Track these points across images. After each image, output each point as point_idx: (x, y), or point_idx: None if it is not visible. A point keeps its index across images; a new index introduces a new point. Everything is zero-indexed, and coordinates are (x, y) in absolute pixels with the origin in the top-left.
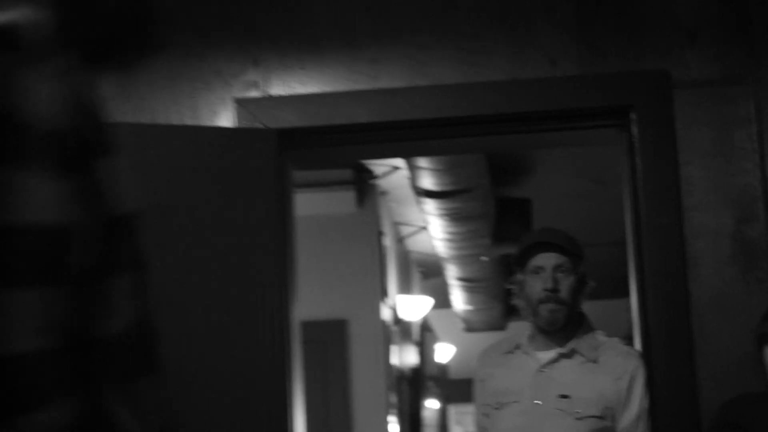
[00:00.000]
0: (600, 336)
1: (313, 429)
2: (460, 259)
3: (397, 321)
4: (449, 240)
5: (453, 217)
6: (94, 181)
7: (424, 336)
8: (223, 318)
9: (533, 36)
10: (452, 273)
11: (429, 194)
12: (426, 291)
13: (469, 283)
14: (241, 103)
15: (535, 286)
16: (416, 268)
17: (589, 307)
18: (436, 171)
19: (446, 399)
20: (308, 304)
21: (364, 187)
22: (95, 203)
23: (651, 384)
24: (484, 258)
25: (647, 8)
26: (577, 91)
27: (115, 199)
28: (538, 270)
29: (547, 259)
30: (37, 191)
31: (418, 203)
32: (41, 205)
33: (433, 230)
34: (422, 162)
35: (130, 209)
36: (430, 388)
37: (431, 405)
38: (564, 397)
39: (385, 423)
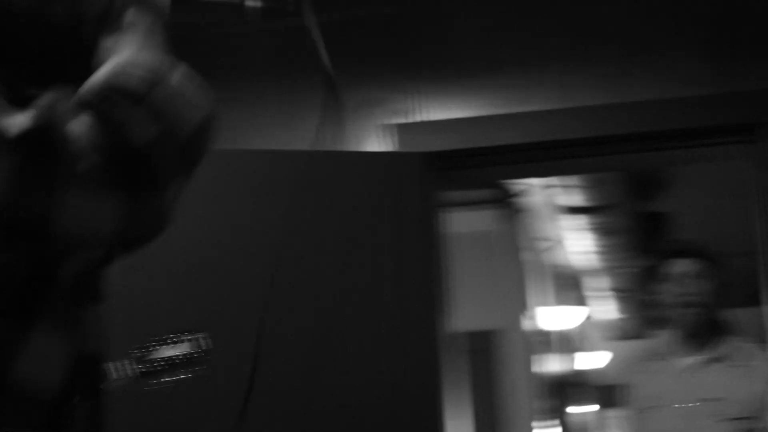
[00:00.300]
0: (741, 342)
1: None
2: (604, 271)
3: (541, 331)
4: (593, 253)
5: (596, 231)
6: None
7: (567, 345)
8: (378, 332)
9: (667, 59)
10: (596, 284)
11: (571, 210)
12: (568, 302)
13: (613, 293)
14: (393, 129)
15: (673, 292)
16: (559, 281)
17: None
18: (580, 188)
19: (594, 403)
20: (462, 316)
21: (508, 205)
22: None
23: None
24: (626, 269)
25: None
26: (708, 110)
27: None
28: (680, 277)
29: (687, 266)
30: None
31: (560, 219)
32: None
33: (573, 244)
34: (566, 180)
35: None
36: (579, 394)
37: (578, 411)
38: (710, 400)
39: (530, 430)
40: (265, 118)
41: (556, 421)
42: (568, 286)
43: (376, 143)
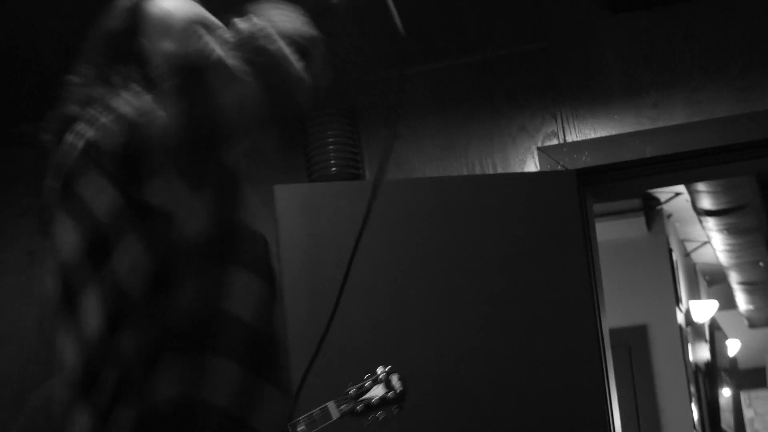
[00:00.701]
0: None
1: (624, 420)
2: (740, 266)
3: (690, 323)
4: (729, 251)
5: (731, 231)
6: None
7: (713, 334)
8: (541, 334)
9: None
10: (734, 278)
11: (709, 213)
12: (712, 296)
13: (750, 286)
14: (544, 151)
15: None
16: (702, 277)
17: None
18: (714, 193)
19: (737, 386)
20: (615, 313)
21: (652, 212)
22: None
23: None
24: (761, 263)
25: None
26: None
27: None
28: None
29: None
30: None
31: (700, 222)
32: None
33: (714, 243)
34: (701, 186)
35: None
36: (723, 378)
37: (725, 393)
38: None
39: (689, 411)
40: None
41: (708, 403)
42: (714, 281)
43: (534, 164)
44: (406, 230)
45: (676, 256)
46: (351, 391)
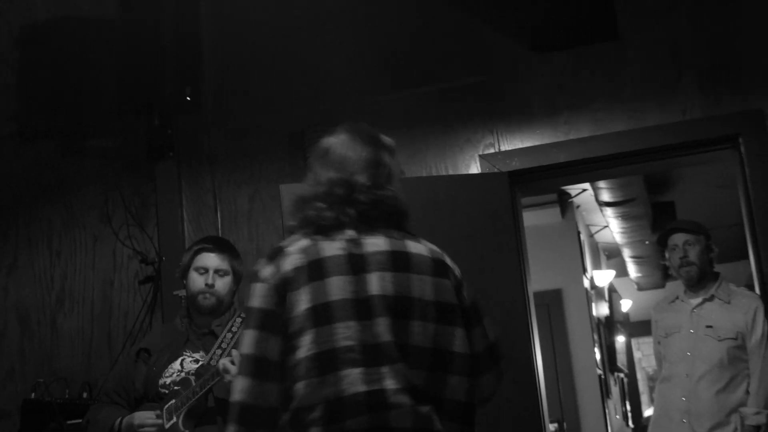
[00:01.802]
0: (732, 286)
1: (545, 360)
2: (631, 244)
3: (593, 287)
4: (623, 232)
5: (624, 217)
6: None
7: (611, 295)
8: (484, 297)
9: (673, 95)
10: (627, 253)
11: (607, 204)
12: (610, 266)
13: (638, 259)
14: (484, 158)
15: (674, 257)
16: (603, 252)
17: (723, 268)
18: (611, 189)
19: (629, 335)
20: (537, 281)
21: (565, 204)
22: None
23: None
24: (647, 242)
25: (747, 70)
26: (703, 127)
27: None
28: (675, 246)
29: (678, 238)
30: None
31: (601, 211)
32: None
33: (612, 227)
34: (602, 183)
35: None
36: (618, 329)
37: (620, 339)
38: (709, 327)
39: (593, 353)
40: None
41: (607, 347)
42: (611, 255)
43: (476, 168)
44: None
45: (583, 237)
46: None
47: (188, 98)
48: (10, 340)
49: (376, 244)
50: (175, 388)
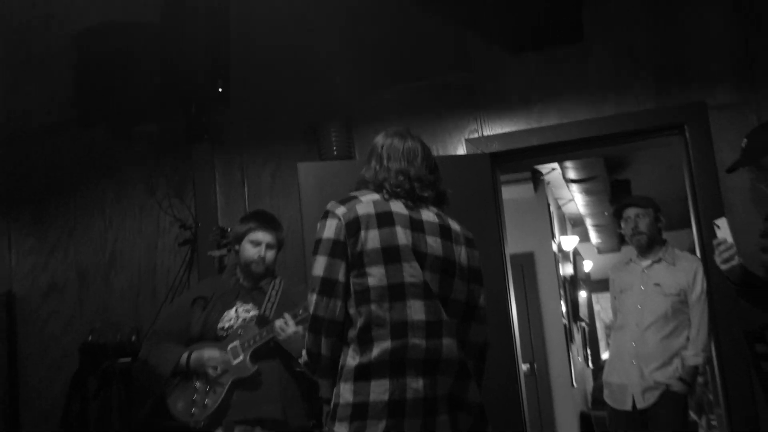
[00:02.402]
0: (676, 250)
1: (519, 312)
2: (592, 215)
3: (561, 250)
4: (586, 205)
5: (586, 192)
6: None
7: (576, 258)
8: None
9: (629, 88)
10: (589, 222)
11: (573, 181)
12: (575, 233)
13: (599, 227)
14: (469, 141)
15: (627, 228)
16: (569, 222)
17: (671, 235)
18: (576, 168)
19: (590, 290)
20: (513, 245)
21: (537, 180)
22: None
23: (708, 276)
24: (606, 213)
25: (693, 69)
26: (655, 117)
27: None
28: (628, 218)
29: (630, 211)
30: None
31: (567, 186)
32: None
33: (576, 200)
34: (568, 163)
35: None
36: (581, 285)
37: (582, 294)
38: (657, 285)
39: (559, 306)
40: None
41: (571, 300)
42: (576, 224)
43: (462, 150)
44: None
45: (552, 208)
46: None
47: (220, 90)
48: (70, 293)
49: (427, 215)
50: (239, 332)
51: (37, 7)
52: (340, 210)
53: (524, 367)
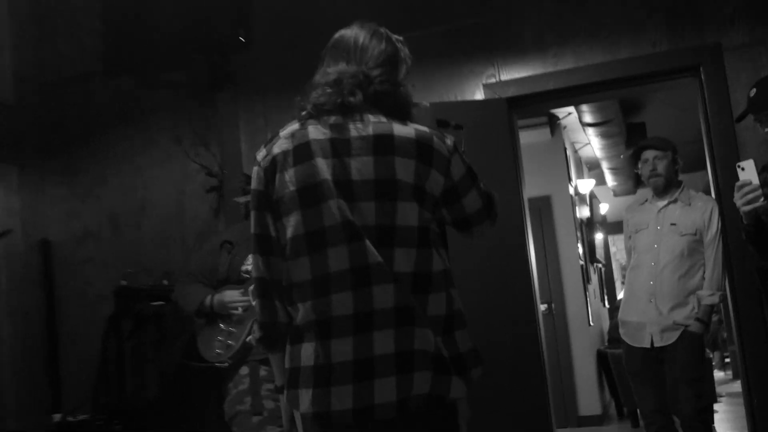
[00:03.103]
0: (692, 191)
1: (537, 252)
2: (608, 158)
3: (577, 194)
4: (601, 148)
5: (602, 135)
6: None
7: (592, 200)
8: None
9: (643, 31)
10: (605, 165)
11: (589, 125)
12: (591, 176)
13: (614, 170)
14: (487, 86)
15: (645, 169)
16: (585, 165)
17: (686, 177)
18: (592, 112)
19: (606, 233)
20: (530, 188)
21: (553, 125)
22: None
23: (722, 216)
24: (621, 156)
25: (708, 10)
26: (669, 59)
27: None
28: (646, 160)
29: (648, 153)
30: None
31: (584, 130)
32: None
33: (593, 144)
34: (584, 107)
35: None
36: (597, 228)
37: (598, 237)
38: (673, 224)
39: (576, 248)
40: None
41: (588, 242)
42: (593, 167)
43: (480, 95)
44: None
45: (568, 152)
46: None
47: (241, 39)
48: (104, 238)
49: (358, 129)
50: None
51: None
52: (260, 154)
53: (542, 307)
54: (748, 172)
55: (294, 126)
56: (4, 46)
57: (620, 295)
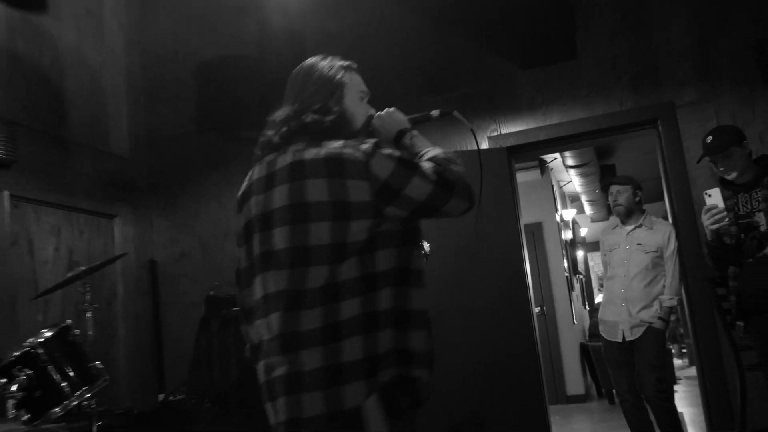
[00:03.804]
0: (653, 217)
1: (532, 267)
2: (586, 192)
3: (562, 220)
4: (581, 185)
5: (581, 175)
6: None
7: (574, 225)
8: (491, 229)
9: (613, 93)
10: (584, 198)
11: (571, 167)
12: (573, 207)
13: (591, 202)
14: (491, 138)
15: (611, 200)
16: (568, 198)
17: (648, 206)
18: (573, 156)
19: (586, 251)
20: (526, 217)
21: (543, 167)
22: None
23: (678, 237)
24: (596, 191)
25: (663, 75)
26: (634, 114)
27: None
28: (611, 193)
29: (613, 188)
30: None
31: (566, 170)
32: None
33: (574, 182)
34: (567, 153)
35: None
36: (578, 246)
37: (579, 253)
38: (639, 244)
39: (562, 262)
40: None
41: (571, 258)
42: (574, 200)
43: (486, 145)
44: None
45: (555, 188)
46: None
47: None
48: (196, 258)
49: (283, 159)
50: None
51: (167, 46)
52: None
53: (536, 309)
54: (714, 198)
55: (253, 167)
56: (122, 112)
57: (597, 299)
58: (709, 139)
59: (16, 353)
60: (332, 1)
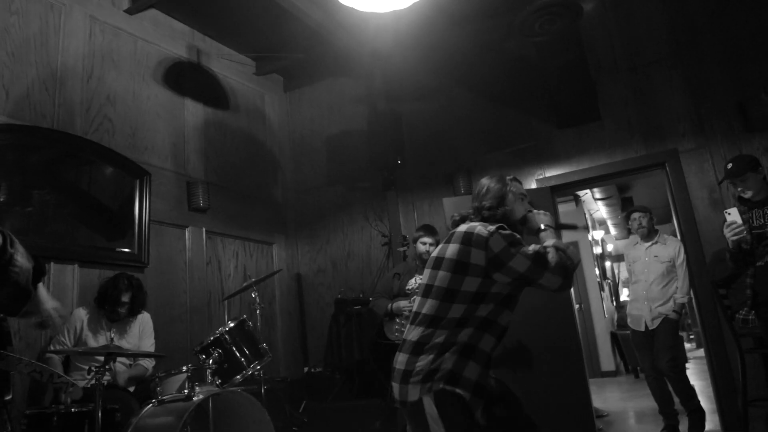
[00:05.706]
0: (665, 235)
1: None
2: (611, 218)
3: (593, 239)
4: (607, 213)
5: (607, 205)
6: None
7: (603, 243)
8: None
9: (629, 144)
10: (610, 222)
11: (599, 199)
12: (602, 229)
13: (615, 225)
14: (537, 180)
15: (634, 224)
16: (597, 223)
17: (660, 227)
18: (600, 191)
19: (612, 261)
20: (566, 238)
21: (577, 199)
22: None
23: (686, 250)
24: (619, 217)
25: (667, 130)
26: (646, 160)
27: None
28: (634, 219)
29: (636, 215)
30: None
31: (595, 202)
32: None
33: (601, 210)
34: (596, 189)
35: None
36: (606, 258)
37: (607, 264)
38: (656, 256)
39: (594, 270)
40: None
41: (601, 268)
42: (601, 224)
43: (534, 185)
44: None
45: (587, 216)
46: None
47: (399, 161)
48: (331, 275)
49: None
50: (416, 290)
51: (306, 126)
52: None
53: (576, 306)
54: (733, 215)
55: None
56: (278, 173)
57: (623, 297)
58: (730, 165)
59: (211, 338)
60: (420, 91)
